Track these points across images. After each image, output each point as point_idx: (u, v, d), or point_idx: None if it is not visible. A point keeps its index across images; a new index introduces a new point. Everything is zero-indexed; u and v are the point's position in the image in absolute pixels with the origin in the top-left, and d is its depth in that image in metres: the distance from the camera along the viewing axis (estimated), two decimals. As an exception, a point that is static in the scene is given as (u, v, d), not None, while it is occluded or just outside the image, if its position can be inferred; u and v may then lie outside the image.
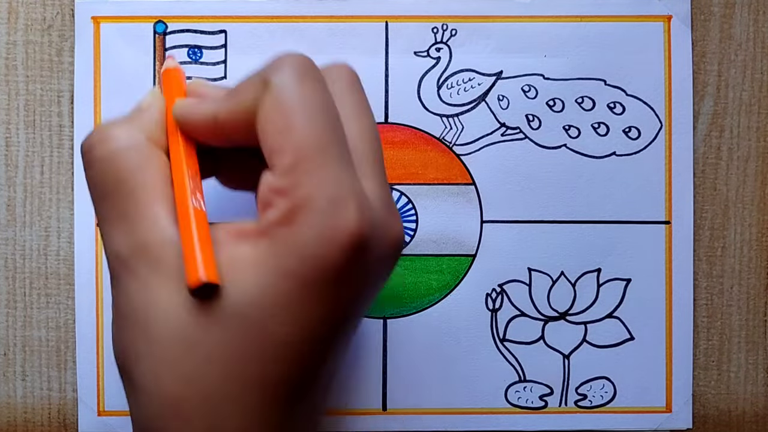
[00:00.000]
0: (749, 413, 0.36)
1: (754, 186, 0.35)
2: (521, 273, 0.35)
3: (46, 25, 0.35)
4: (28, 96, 0.35)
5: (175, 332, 0.24)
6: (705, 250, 0.35)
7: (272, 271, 0.23)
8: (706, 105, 0.35)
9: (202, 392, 0.23)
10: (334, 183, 0.23)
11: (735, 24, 0.35)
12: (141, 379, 0.24)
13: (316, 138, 0.23)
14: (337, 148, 0.24)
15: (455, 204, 0.35)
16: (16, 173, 0.35)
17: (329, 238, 0.23)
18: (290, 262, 0.23)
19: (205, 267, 0.23)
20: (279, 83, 0.24)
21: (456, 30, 0.35)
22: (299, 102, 0.24)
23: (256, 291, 0.23)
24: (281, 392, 0.24)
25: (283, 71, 0.24)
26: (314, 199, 0.23)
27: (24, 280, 0.35)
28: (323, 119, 0.24)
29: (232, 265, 0.23)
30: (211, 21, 0.34)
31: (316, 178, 0.23)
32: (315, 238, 0.23)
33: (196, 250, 0.23)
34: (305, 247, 0.23)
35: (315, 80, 0.25)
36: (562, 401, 0.35)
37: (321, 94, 0.24)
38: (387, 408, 0.35)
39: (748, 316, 0.36)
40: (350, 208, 0.23)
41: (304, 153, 0.23)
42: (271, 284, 0.23)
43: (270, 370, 0.23)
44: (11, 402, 0.35)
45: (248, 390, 0.24)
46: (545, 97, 0.35)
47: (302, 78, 0.24)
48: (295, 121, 0.24)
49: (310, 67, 0.25)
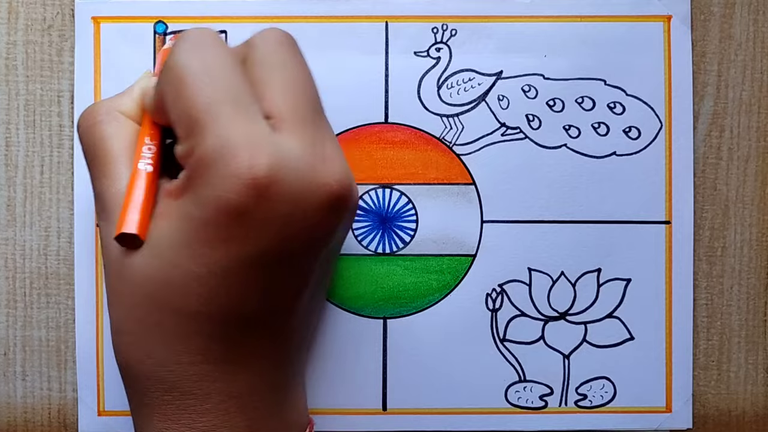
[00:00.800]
0: (749, 413, 0.36)
1: (754, 186, 0.35)
2: (521, 273, 0.35)
3: (46, 25, 0.35)
4: (28, 96, 0.35)
5: (113, 266, 0.28)
6: (705, 250, 0.35)
7: (180, 216, 0.26)
8: (706, 105, 0.35)
9: (135, 318, 0.27)
10: (224, 134, 0.25)
11: (735, 24, 0.35)
12: (108, 307, 0.29)
13: (204, 99, 0.26)
14: (229, 105, 0.26)
15: (455, 204, 0.35)
16: (16, 173, 0.35)
17: (222, 182, 0.25)
18: (192, 207, 0.26)
19: (127, 220, 0.27)
20: (168, 60, 0.27)
21: (456, 30, 0.35)
22: (184, 71, 0.26)
23: (167, 231, 0.27)
24: (202, 322, 0.27)
25: (175, 47, 0.27)
26: (207, 153, 0.25)
27: (24, 280, 0.35)
28: (210, 80, 0.26)
29: (159, 216, 0.27)
30: (211, 21, 0.34)
31: (206, 134, 0.25)
32: (210, 184, 0.25)
33: (128, 206, 0.27)
34: (203, 192, 0.26)
35: (206, 47, 0.27)
36: (562, 401, 0.35)
37: (211, 59, 0.27)
38: (387, 408, 0.35)
39: (748, 316, 0.36)
40: (241, 152, 0.25)
41: (194, 116, 0.26)
42: (178, 226, 0.26)
43: (186, 301, 0.26)
44: (11, 402, 0.35)
45: (169, 318, 0.27)
46: (545, 97, 0.35)
47: (192, 48, 0.27)
48: (181, 89, 0.26)
49: (202, 36, 0.27)
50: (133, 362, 0.28)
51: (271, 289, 0.27)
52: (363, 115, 0.35)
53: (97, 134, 0.29)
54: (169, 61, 0.27)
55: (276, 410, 0.29)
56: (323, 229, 0.27)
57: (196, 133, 0.26)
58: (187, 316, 0.27)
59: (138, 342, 0.28)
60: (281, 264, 0.27)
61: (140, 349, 0.28)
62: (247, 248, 0.26)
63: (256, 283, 0.27)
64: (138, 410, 0.29)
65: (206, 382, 0.27)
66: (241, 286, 0.26)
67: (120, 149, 0.29)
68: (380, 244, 0.35)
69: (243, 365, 0.28)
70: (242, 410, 0.28)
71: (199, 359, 0.27)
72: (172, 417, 0.28)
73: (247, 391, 0.28)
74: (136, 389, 0.28)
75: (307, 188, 0.26)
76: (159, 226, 0.27)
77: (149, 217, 0.27)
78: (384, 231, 0.35)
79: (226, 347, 0.27)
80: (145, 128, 0.30)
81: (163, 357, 0.27)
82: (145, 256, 0.27)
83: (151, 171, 0.28)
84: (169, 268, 0.26)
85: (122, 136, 0.29)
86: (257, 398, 0.28)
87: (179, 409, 0.27)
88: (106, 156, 0.29)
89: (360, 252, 0.35)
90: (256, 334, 0.28)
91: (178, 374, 0.27)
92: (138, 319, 0.27)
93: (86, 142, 0.30)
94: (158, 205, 0.28)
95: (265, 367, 0.29)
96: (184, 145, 0.26)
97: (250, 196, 0.25)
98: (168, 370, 0.27)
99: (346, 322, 0.35)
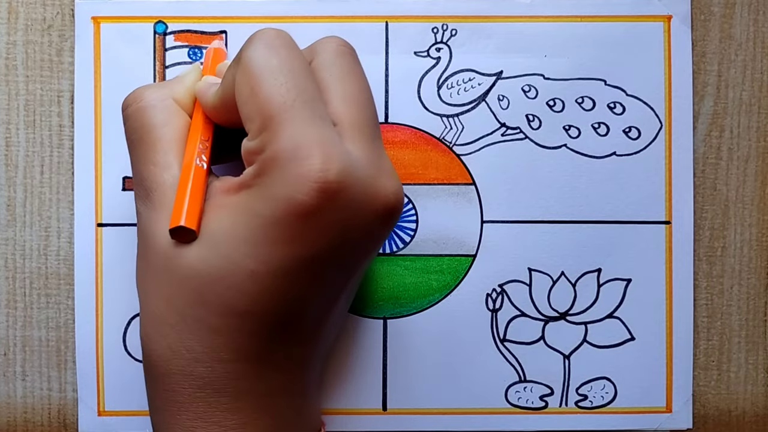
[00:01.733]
0: (749, 413, 0.36)
1: (754, 186, 0.35)
2: (521, 273, 0.35)
3: (46, 25, 0.35)
4: (28, 96, 0.35)
5: (160, 256, 0.27)
6: (705, 250, 0.35)
7: (243, 212, 0.26)
8: (706, 105, 0.35)
9: (178, 311, 0.27)
10: (299, 135, 0.25)
11: (735, 24, 0.35)
12: (140, 296, 0.29)
13: (279, 98, 0.26)
14: (304, 106, 0.26)
15: (455, 204, 0.35)
16: (16, 173, 0.35)
17: (294, 182, 0.25)
18: (259, 204, 0.26)
19: (186, 214, 0.27)
20: (245, 56, 0.27)
21: (456, 30, 0.35)
22: (262, 68, 0.26)
23: (227, 226, 0.26)
24: (248, 321, 0.27)
25: (251, 44, 0.27)
26: (280, 151, 0.25)
27: (24, 280, 0.35)
28: (286, 80, 0.26)
29: (215, 210, 0.27)
30: (211, 21, 0.34)
31: (281, 133, 0.26)
32: (281, 183, 0.25)
33: (184, 200, 0.27)
34: (272, 191, 0.25)
35: (282, 47, 0.27)
36: (563, 401, 0.35)
37: (287, 59, 0.27)
38: (387, 408, 0.35)
39: (748, 316, 0.36)
40: (315, 155, 0.25)
41: (269, 114, 0.26)
42: (240, 222, 0.26)
43: (237, 298, 0.26)
44: (11, 402, 0.35)
45: (216, 314, 0.27)
46: (545, 97, 0.35)
47: (268, 47, 0.27)
48: (258, 86, 0.26)
49: (278, 36, 0.27)
50: (169, 355, 0.27)
51: (317, 293, 0.27)
52: (363, 115, 0.35)
53: (148, 118, 0.29)
54: (246, 58, 0.27)
55: (299, 412, 0.29)
56: (375, 238, 0.28)
57: (270, 129, 0.26)
58: (233, 313, 0.27)
59: (178, 335, 0.27)
60: (332, 269, 0.27)
61: (179, 343, 0.27)
62: (308, 250, 0.26)
63: (306, 287, 0.27)
64: (163, 409, 0.28)
65: (240, 381, 0.27)
66: (293, 287, 0.26)
67: (172, 138, 0.29)
68: (380, 244, 0.35)
69: (275, 366, 0.28)
70: (270, 410, 0.28)
71: (236, 357, 0.27)
72: (203, 415, 0.27)
73: (276, 391, 0.28)
74: (164, 386, 0.28)
75: (369, 197, 0.26)
76: (213, 222, 0.27)
77: (202, 213, 0.27)
78: (384, 231, 0.35)
79: (263, 348, 0.27)
80: (198, 123, 0.30)
81: (202, 352, 0.27)
82: (200, 251, 0.27)
83: (205, 168, 0.28)
84: (224, 264, 0.26)
85: (175, 125, 0.29)
86: (284, 399, 0.29)
87: (210, 407, 0.27)
88: (157, 142, 0.29)
89: (360, 252, 0.35)
90: (291, 337, 0.28)
91: (214, 371, 0.27)
92: (180, 312, 0.27)
93: (134, 123, 0.29)
94: (210, 199, 0.28)
95: (295, 370, 0.29)
96: (254, 142, 0.26)
97: (320, 198, 0.25)
98: (205, 366, 0.27)
99: (347, 322, 0.35)
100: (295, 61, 0.27)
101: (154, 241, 0.28)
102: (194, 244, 0.27)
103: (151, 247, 0.28)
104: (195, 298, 0.27)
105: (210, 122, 0.30)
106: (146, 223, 0.28)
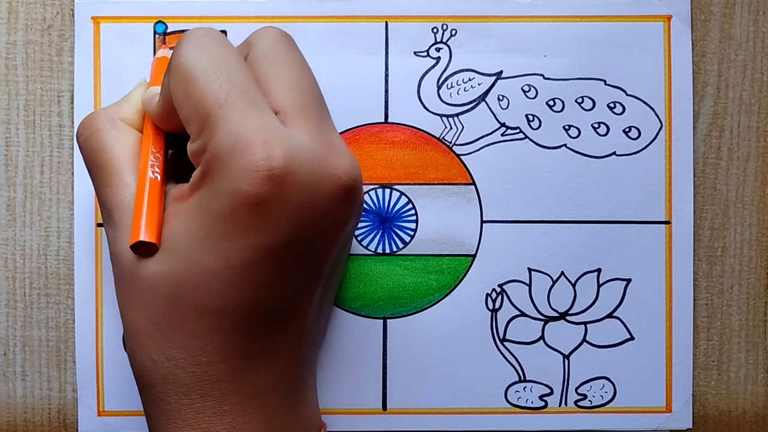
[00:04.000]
0: (749, 413, 0.36)
1: (754, 186, 0.35)
2: (521, 273, 0.35)
3: (46, 25, 0.35)
4: (28, 96, 0.35)
5: (128, 273, 0.28)
6: (705, 250, 0.35)
7: (197, 213, 0.27)
8: (706, 105, 0.35)
9: (152, 322, 0.27)
10: (236, 128, 0.26)
11: (735, 24, 0.35)
12: (120, 314, 0.29)
13: (213, 95, 0.26)
14: (238, 99, 0.26)
15: (455, 204, 0.35)
16: (16, 173, 0.35)
17: (238, 175, 0.25)
18: (210, 202, 0.26)
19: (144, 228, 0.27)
20: (175, 59, 0.27)
21: (456, 30, 0.35)
22: (192, 69, 0.26)
23: (183, 230, 0.27)
24: (223, 319, 0.27)
25: (180, 46, 0.27)
26: (220, 147, 0.26)
27: (24, 280, 0.35)
28: (217, 76, 0.26)
29: (172, 218, 0.27)
30: (211, 21, 0.34)
31: (218, 129, 0.26)
32: (226, 178, 0.25)
33: (141, 214, 0.27)
34: (220, 187, 0.26)
35: (210, 45, 0.27)
36: (562, 401, 0.35)
37: (216, 56, 0.27)
38: (387, 408, 0.35)
39: (748, 316, 0.36)
40: (255, 144, 0.25)
41: (204, 113, 0.26)
42: (195, 223, 0.26)
43: (206, 298, 0.26)
44: (11, 402, 0.35)
45: (189, 318, 0.27)
46: (545, 97, 0.35)
47: (197, 47, 0.27)
48: (190, 87, 0.26)
49: (206, 34, 0.27)
50: (151, 366, 0.28)
51: (286, 282, 0.27)
52: (363, 115, 0.35)
53: (98, 143, 0.29)
54: (176, 61, 0.27)
55: (292, 411, 0.29)
56: (337, 219, 0.28)
57: (208, 128, 0.26)
58: (205, 314, 0.27)
59: (156, 345, 0.27)
60: (296, 256, 0.27)
61: (158, 352, 0.27)
62: (264, 239, 0.26)
63: (272, 276, 0.27)
64: (156, 418, 0.28)
65: (225, 382, 0.27)
66: (259, 279, 0.27)
67: (123, 157, 0.29)
68: (380, 244, 0.35)
69: (260, 363, 0.28)
70: (260, 411, 0.28)
71: (217, 358, 0.27)
72: (192, 422, 0.27)
73: (264, 390, 0.28)
74: (152, 396, 0.28)
75: (320, 178, 0.26)
76: (171, 228, 0.27)
77: (161, 224, 0.28)
78: (384, 231, 0.35)
79: (243, 345, 0.27)
80: (148, 136, 0.30)
81: (181, 358, 0.27)
82: (161, 259, 0.27)
83: (159, 179, 0.28)
84: (186, 265, 0.26)
85: (124, 143, 0.29)
86: (275, 398, 0.28)
87: (198, 412, 0.27)
88: (109, 165, 0.29)
89: (360, 252, 0.35)
90: (272, 331, 0.28)
91: (197, 375, 0.27)
92: (155, 322, 0.27)
93: (87, 151, 0.30)
94: (167, 208, 0.28)
95: (282, 366, 0.29)
96: (197, 143, 0.27)
97: (267, 186, 0.25)
98: (186, 372, 0.27)
99: (346, 322, 0.35)
100: (225, 57, 0.27)
101: (120, 259, 0.28)
102: (156, 255, 0.27)
103: (119, 265, 0.28)
104: (166, 305, 0.27)
105: (161, 133, 0.30)
106: (112, 243, 0.29)
